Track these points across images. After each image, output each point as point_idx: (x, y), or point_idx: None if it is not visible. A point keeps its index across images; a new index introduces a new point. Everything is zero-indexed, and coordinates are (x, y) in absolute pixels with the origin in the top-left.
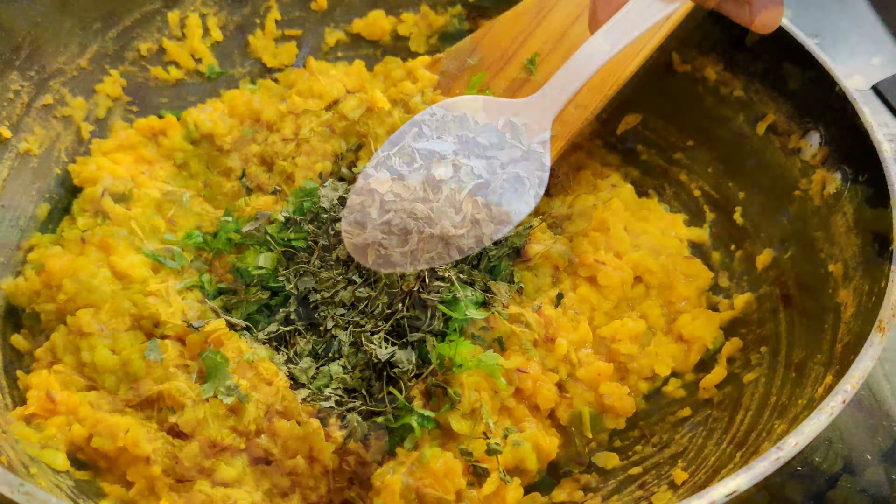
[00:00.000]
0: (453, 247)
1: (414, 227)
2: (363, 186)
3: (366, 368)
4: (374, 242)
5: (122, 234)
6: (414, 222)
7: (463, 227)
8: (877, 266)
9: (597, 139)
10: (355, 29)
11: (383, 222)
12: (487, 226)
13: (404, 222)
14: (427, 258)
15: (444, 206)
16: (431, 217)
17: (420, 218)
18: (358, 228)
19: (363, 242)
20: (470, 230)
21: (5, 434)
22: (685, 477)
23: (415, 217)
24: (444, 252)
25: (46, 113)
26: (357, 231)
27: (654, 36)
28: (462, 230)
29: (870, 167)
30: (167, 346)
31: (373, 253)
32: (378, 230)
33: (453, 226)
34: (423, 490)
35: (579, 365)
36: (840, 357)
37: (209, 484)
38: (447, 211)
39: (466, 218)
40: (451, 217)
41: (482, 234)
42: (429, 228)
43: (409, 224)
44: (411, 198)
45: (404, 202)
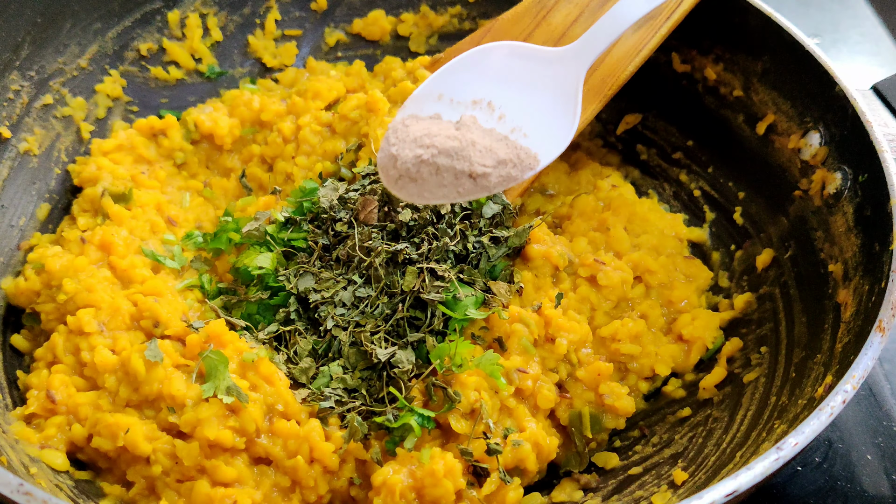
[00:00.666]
0: (481, 184)
1: (444, 162)
2: (399, 122)
3: (366, 368)
4: (405, 176)
5: (122, 234)
6: (445, 158)
7: (491, 165)
8: (877, 266)
9: (597, 139)
10: (355, 29)
11: (415, 156)
12: (515, 167)
13: (435, 158)
14: (456, 193)
15: (474, 145)
16: (461, 154)
17: (450, 154)
18: (391, 163)
19: (396, 176)
20: (497, 169)
21: (5, 434)
22: (685, 477)
23: (446, 153)
24: (473, 188)
25: (46, 113)
26: (390, 165)
27: (654, 36)
28: (490, 168)
29: (870, 167)
30: (167, 346)
31: (406, 187)
32: (410, 164)
33: (481, 164)
34: (423, 490)
35: (579, 365)
36: (840, 357)
37: (209, 484)
38: (476, 149)
39: (495, 157)
40: (480, 155)
41: (509, 175)
42: (458, 164)
43: (440, 160)
44: (443, 135)
45: (436, 138)
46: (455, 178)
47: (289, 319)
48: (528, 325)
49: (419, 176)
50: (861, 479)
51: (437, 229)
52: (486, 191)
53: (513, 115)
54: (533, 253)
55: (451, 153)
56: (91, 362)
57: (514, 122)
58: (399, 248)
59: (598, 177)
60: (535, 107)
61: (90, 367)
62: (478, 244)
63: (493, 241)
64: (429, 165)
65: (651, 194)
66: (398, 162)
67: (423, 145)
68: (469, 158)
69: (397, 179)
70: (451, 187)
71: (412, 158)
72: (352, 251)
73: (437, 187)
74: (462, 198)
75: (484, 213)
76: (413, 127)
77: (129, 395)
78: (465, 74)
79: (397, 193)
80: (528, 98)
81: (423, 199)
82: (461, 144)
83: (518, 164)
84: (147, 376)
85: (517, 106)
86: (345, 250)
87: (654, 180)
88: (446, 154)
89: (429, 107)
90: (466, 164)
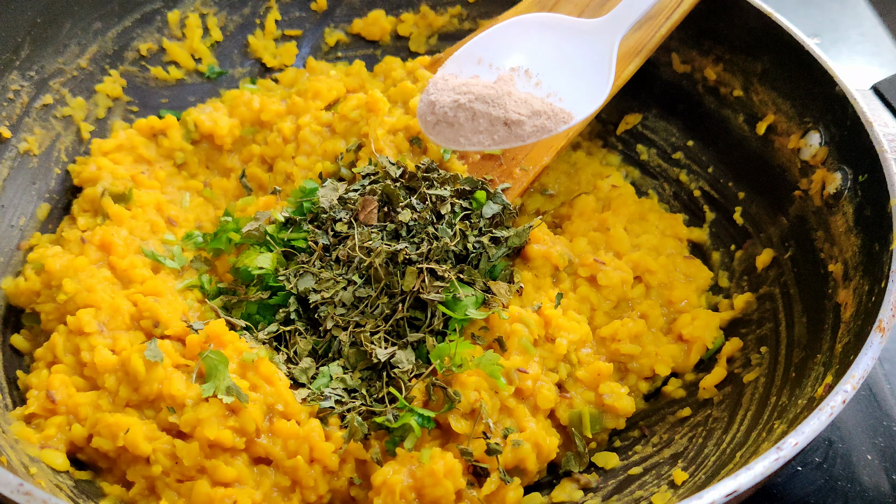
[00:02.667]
0: (515, 132)
1: (481, 108)
2: (440, 77)
3: (366, 368)
4: (443, 121)
5: (122, 234)
6: (481, 104)
7: (526, 114)
8: (877, 266)
9: (597, 139)
10: (355, 29)
11: (453, 101)
12: (549, 119)
13: (472, 103)
14: (491, 139)
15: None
16: (497, 101)
17: (487, 101)
18: (429, 109)
19: (434, 121)
20: (532, 118)
21: (5, 434)
22: (685, 477)
23: (482, 99)
24: (508, 135)
25: (46, 113)
26: (428, 111)
27: (654, 36)
28: (524, 117)
29: (870, 167)
30: (167, 346)
31: (443, 132)
32: (448, 108)
33: (516, 111)
34: (423, 490)
35: (579, 365)
36: (840, 357)
37: (209, 484)
38: (512, 98)
39: (530, 108)
40: (515, 104)
41: (544, 125)
42: (494, 111)
43: (476, 105)
44: (481, 84)
45: (474, 87)
46: (490, 124)
47: (289, 319)
48: (528, 325)
49: (456, 120)
50: (861, 479)
51: (437, 229)
52: (521, 139)
53: (549, 82)
54: (533, 253)
55: (487, 100)
56: (91, 362)
57: (550, 88)
58: (399, 248)
59: (598, 177)
60: (570, 74)
61: (90, 367)
62: (478, 244)
63: (493, 241)
64: (465, 110)
65: (651, 194)
66: (436, 107)
67: (461, 92)
68: (504, 106)
69: (435, 124)
70: (486, 133)
71: (450, 103)
72: (352, 251)
73: (472, 133)
74: (496, 145)
75: (484, 213)
76: (452, 81)
77: (129, 395)
78: (504, 40)
79: (434, 139)
80: (564, 66)
81: (459, 144)
82: (497, 93)
83: (552, 117)
84: (147, 376)
85: (553, 73)
86: (345, 250)
87: (654, 180)
88: (482, 100)
89: (469, 69)
90: (502, 111)
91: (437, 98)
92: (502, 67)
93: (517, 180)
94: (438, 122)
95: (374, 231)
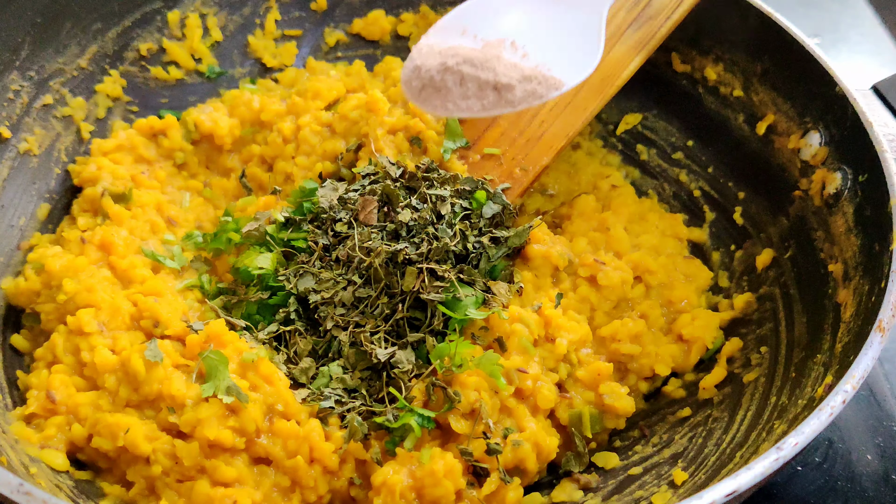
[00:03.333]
0: (505, 97)
1: (469, 72)
2: (423, 44)
3: (366, 368)
4: (429, 86)
5: (122, 234)
6: (469, 67)
7: (516, 78)
8: (877, 266)
9: (597, 139)
10: (355, 29)
11: (440, 63)
12: (539, 85)
13: (460, 66)
14: (480, 105)
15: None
16: (486, 64)
17: (475, 64)
18: (415, 74)
19: (419, 86)
20: (522, 83)
21: (5, 434)
22: (685, 477)
23: (471, 62)
24: (497, 101)
25: (46, 113)
26: (414, 77)
27: (654, 36)
28: (514, 81)
29: (870, 167)
30: (167, 346)
31: (429, 98)
32: (434, 72)
33: (506, 75)
34: (423, 490)
35: (579, 365)
36: (840, 357)
37: (209, 484)
38: (501, 62)
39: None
40: (505, 68)
41: (535, 90)
42: (483, 74)
43: (464, 68)
44: (468, 47)
45: (461, 49)
46: (479, 88)
47: (289, 319)
48: (528, 325)
49: (443, 85)
50: (861, 479)
51: (437, 229)
52: (511, 105)
53: (536, 53)
54: (533, 253)
55: (475, 62)
56: (91, 362)
57: (538, 59)
58: (399, 248)
59: (598, 177)
60: (558, 44)
61: (90, 367)
62: (478, 244)
63: (493, 241)
64: (453, 73)
65: (651, 194)
66: (422, 71)
67: (448, 55)
68: (494, 69)
69: (421, 90)
70: (475, 99)
71: (437, 66)
72: (352, 251)
73: (461, 98)
74: (486, 111)
75: (484, 213)
76: (437, 46)
77: (129, 395)
78: (490, 10)
79: (421, 105)
80: (552, 36)
81: (447, 110)
82: (486, 56)
83: (543, 82)
84: (147, 376)
85: (541, 44)
86: (345, 250)
87: (654, 180)
88: (471, 63)
89: (453, 39)
90: (491, 75)
91: (423, 62)
92: (487, 38)
93: (517, 180)
94: (424, 87)
95: (374, 231)
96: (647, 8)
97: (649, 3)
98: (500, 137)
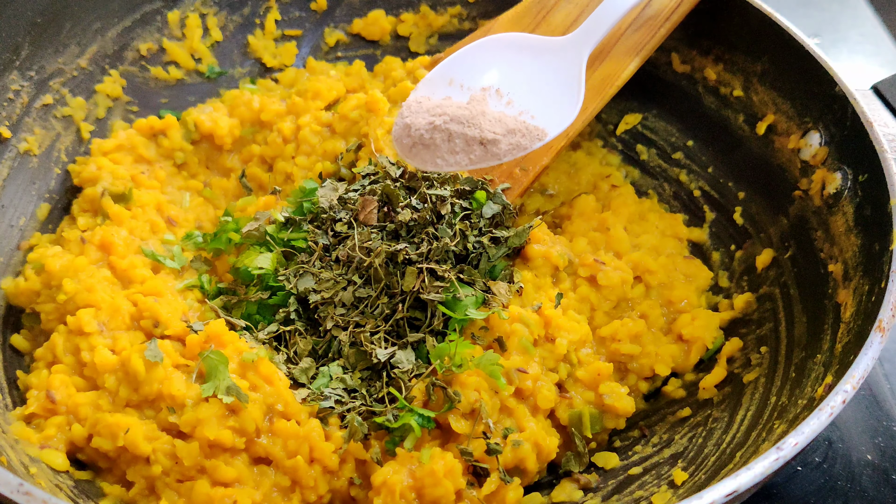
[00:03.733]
0: (491, 151)
1: (456, 129)
2: (413, 101)
3: (366, 368)
4: (419, 143)
5: (122, 234)
6: (456, 125)
7: (501, 133)
8: (877, 266)
9: (597, 139)
10: (355, 29)
11: (428, 123)
12: (524, 137)
13: (447, 124)
14: (468, 159)
15: (484, 115)
16: (471, 121)
17: (461, 121)
18: (405, 132)
19: (410, 144)
20: (507, 137)
21: (5, 434)
22: (685, 477)
23: (457, 120)
24: (484, 154)
25: (46, 113)
26: (404, 135)
27: (654, 36)
28: (500, 136)
29: (870, 167)
30: (167, 346)
31: (419, 154)
32: (423, 131)
33: (491, 131)
34: (423, 490)
35: (579, 365)
36: (840, 357)
37: (209, 484)
38: (486, 118)
39: (505, 126)
40: (490, 123)
41: (519, 143)
42: (469, 131)
43: (451, 126)
44: (455, 106)
45: (448, 108)
46: (466, 144)
47: (289, 319)
48: (528, 325)
49: (432, 142)
50: (861, 479)
51: (437, 229)
52: (497, 158)
53: (520, 100)
54: (533, 253)
55: (462, 120)
56: (91, 362)
57: (522, 107)
58: (399, 248)
59: (598, 177)
60: (541, 92)
61: (90, 367)
62: (478, 244)
63: (493, 241)
64: (441, 132)
65: (651, 194)
66: (412, 130)
67: (436, 114)
68: (480, 126)
69: (411, 147)
70: (462, 154)
71: (425, 125)
72: (351, 251)
73: (449, 154)
74: (474, 165)
75: (484, 213)
76: (426, 103)
77: (129, 395)
78: (475, 61)
79: (411, 162)
80: (534, 84)
81: (437, 165)
82: (472, 113)
83: (527, 135)
84: (147, 376)
85: (524, 91)
86: (344, 251)
87: (654, 180)
88: (457, 121)
89: (441, 90)
90: (477, 131)
91: (413, 121)
92: (473, 87)
93: (517, 180)
94: (415, 144)
95: (373, 231)
96: (647, 8)
97: (649, 4)
98: None
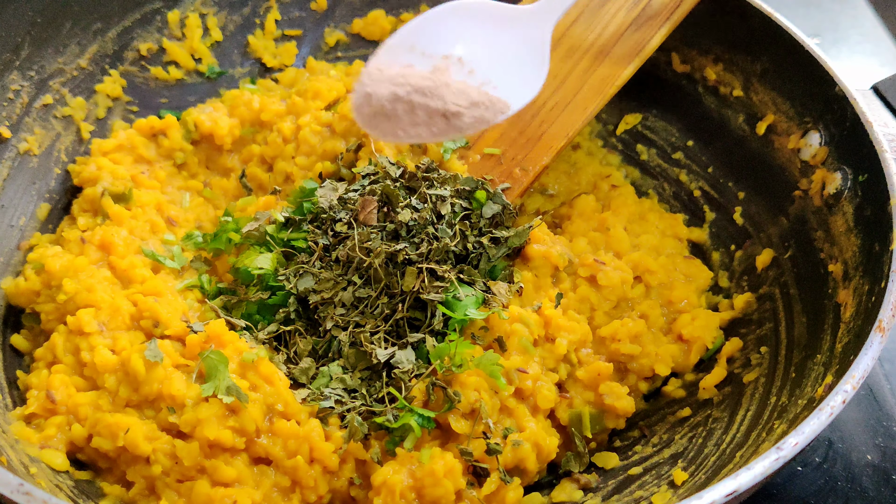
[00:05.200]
0: (454, 124)
1: (419, 101)
2: (373, 67)
3: (366, 368)
4: (380, 114)
5: (122, 234)
6: (419, 96)
7: (464, 105)
8: (877, 266)
9: (597, 139)
10: (355, 29)
11: (390, 93)
12: (487, 110)
13: (410, 95)
14: (430, 132)
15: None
16: (435, 92)
17: (424, 92)
18: (366, 101)
19: (371, 113)
20: (470, 109)
21: (5, 434)
22: (685, 477)
23: (420, 91)
24: (446, 127)
25: (46, 113)
26: (365, 104)
27: (654, 36)
28: (463, 108)
29: (870, 167)
30: (167, 346)
31: (380, 125)
32: (385, 101)
33: (455, 103)
34: (423, 490)
35: (579, 365)
36: (840, 357)
37: (209, 484)
38: (450, 90)
39: (468, 98)
40: (454, 95)
41: (482, 116)
42: (432, 102)
43: (414, 97)
44: (418, 75)
45: (411, 78)
46: (429, 116)
47: (289, 319)
48: (528, 325)
49: (393, 113)
50: (861, 479)
51: (437, 229)
52: (459, 131)
53: (482, 70)
54: (533, 253)
55: (425, 91)
56: (91, 362)
57: (484, 77)
58: (399, 248)
59: (598, 177)
60: (504, 62)
61: (90, 367)
62: (478, 244)
63: (493, 242)
64: (403, 102)
65: (651, 194)
66: (373, 99)
67: (398, 84)
68: (443, 97)
69: (372, 117)
70: (424, 126)
71: (387, 95)
72: (351, 252)
73: (410, 126)
74: (435, 138)
75: (484, 213)
76: (387, 71)
77: (129, 395)
78: (437, 28)
79: (371, 132)
80: (498, 54)
81: (397, 137)
82: (435, 84)
83: (490, 108)
84: (147, 376)
85: (487, 61)
86: (344, 251)
87: (654, 180)
88: (420, 92)
89: (402, 57)
90: (440, 103)
91: (374, 90)
92: (435, 55)
93: (517, 180)
94: (375, 114)
95: (373, 231)
96: (647, 8)
97: (649, 3)
98: (500, 137)
